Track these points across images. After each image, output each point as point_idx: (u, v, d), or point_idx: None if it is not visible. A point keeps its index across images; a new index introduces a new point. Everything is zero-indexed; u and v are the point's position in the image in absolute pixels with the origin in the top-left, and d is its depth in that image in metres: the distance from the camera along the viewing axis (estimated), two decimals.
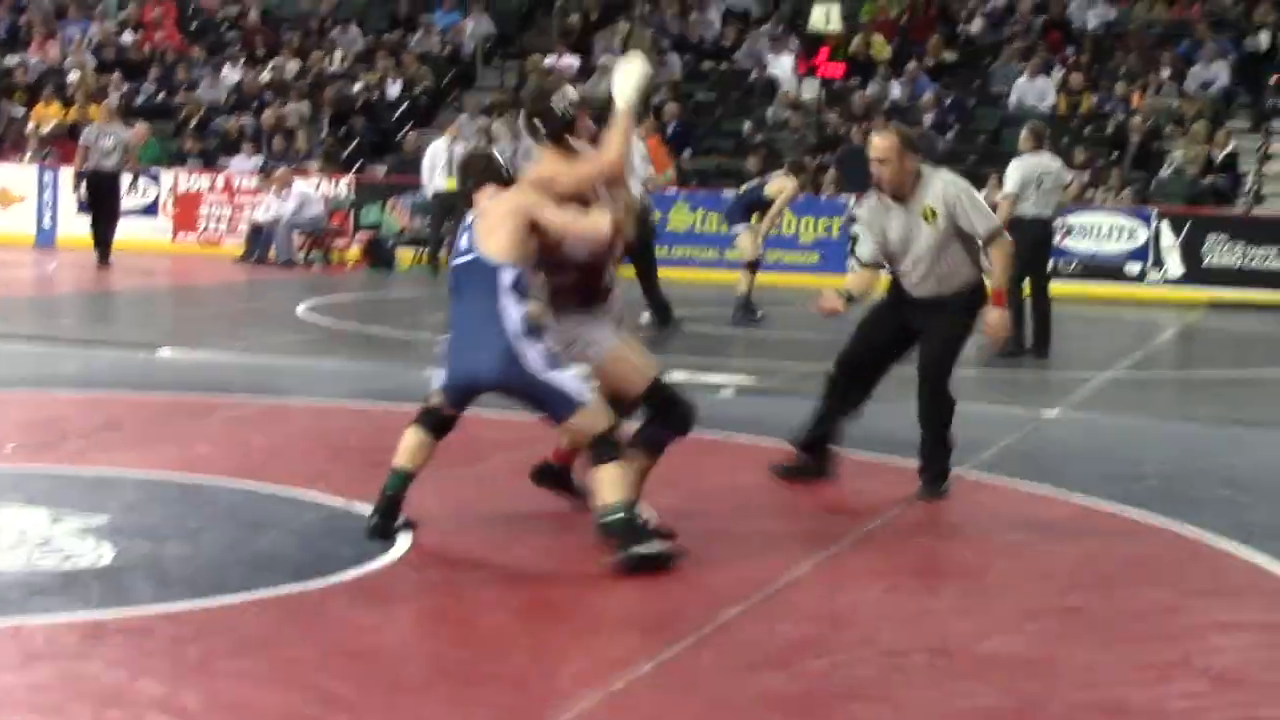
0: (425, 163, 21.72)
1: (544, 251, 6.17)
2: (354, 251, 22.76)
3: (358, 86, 26.71)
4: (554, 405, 6.06)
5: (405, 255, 22.63)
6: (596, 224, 6.12)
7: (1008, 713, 4.66)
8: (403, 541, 6.33)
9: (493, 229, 6.08)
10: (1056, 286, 20.57)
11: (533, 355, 6.01)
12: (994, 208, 8.90)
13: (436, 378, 6.33)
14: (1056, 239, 16.73)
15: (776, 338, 15.39)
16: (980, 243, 7.58)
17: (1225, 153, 21.97)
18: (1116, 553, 6.89)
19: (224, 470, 7.56)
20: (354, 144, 25.64)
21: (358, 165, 25.13)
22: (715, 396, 10.80)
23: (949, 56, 25.92)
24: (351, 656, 4.94)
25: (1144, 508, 7.53)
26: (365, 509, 6.56)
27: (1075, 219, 21.07)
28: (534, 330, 6.03)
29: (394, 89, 26.58)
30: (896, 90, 25.06)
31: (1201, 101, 23.15)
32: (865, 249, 7.91)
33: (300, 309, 15.94)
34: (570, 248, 6.20)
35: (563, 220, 6.10)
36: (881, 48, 25.88)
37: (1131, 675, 5.03)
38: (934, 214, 7.48)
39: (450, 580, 6.01)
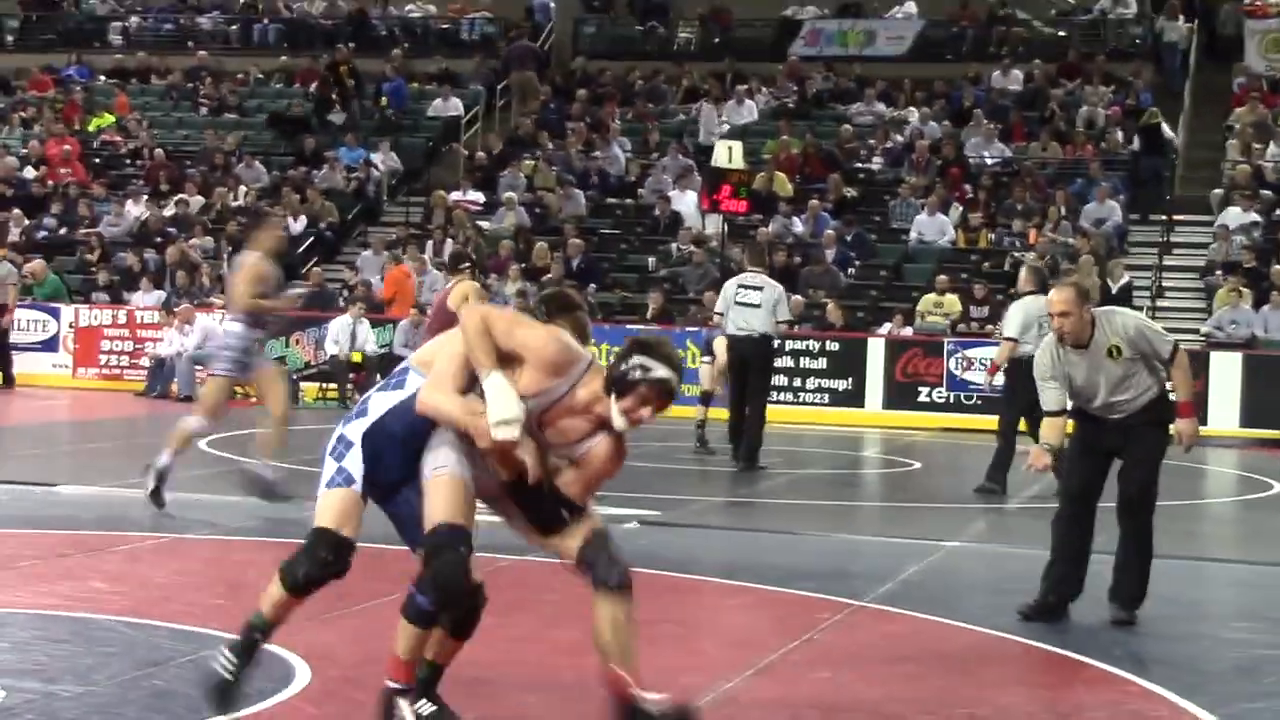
0: (331, 332, 21.94)
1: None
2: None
3: None
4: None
5: (310, 389, 22.52)
6: (429, 393, 5.38)
7: None
8: (303, 677, 6.26)
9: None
10: (957, 419, 20.92)
11: (333, 435, 5.53)
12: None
13: None
14: None
15: (685, 470, 15.43)
16: (1164, 363, 8.08)
17: (1120, 285, 22.37)
18: (1015, 682, 6.93)
19: (120, 607, 7.46)
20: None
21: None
22: (619, 528, 10.79)
23: (850, 193, 26.32)
24: None
25: (1041, 639, 7.58)
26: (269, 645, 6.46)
27: (975, 353, 21.34)
28: (359, 413, 5.48)
29: (299, 225, 26.62)
30: (799, 226, 25.39)
31: (1096, 238, 23.61)
32: (1051, 398, 8.09)
33: (201, 443, 15.79)
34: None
35: (445, 352, 5.43)
36: (784, 184, 26.25)
37: None
38: (1119, 351, 7.94)
39: (347, 717, 5.93)
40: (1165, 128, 26.60)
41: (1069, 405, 8.14)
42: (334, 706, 6.03)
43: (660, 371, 5.26)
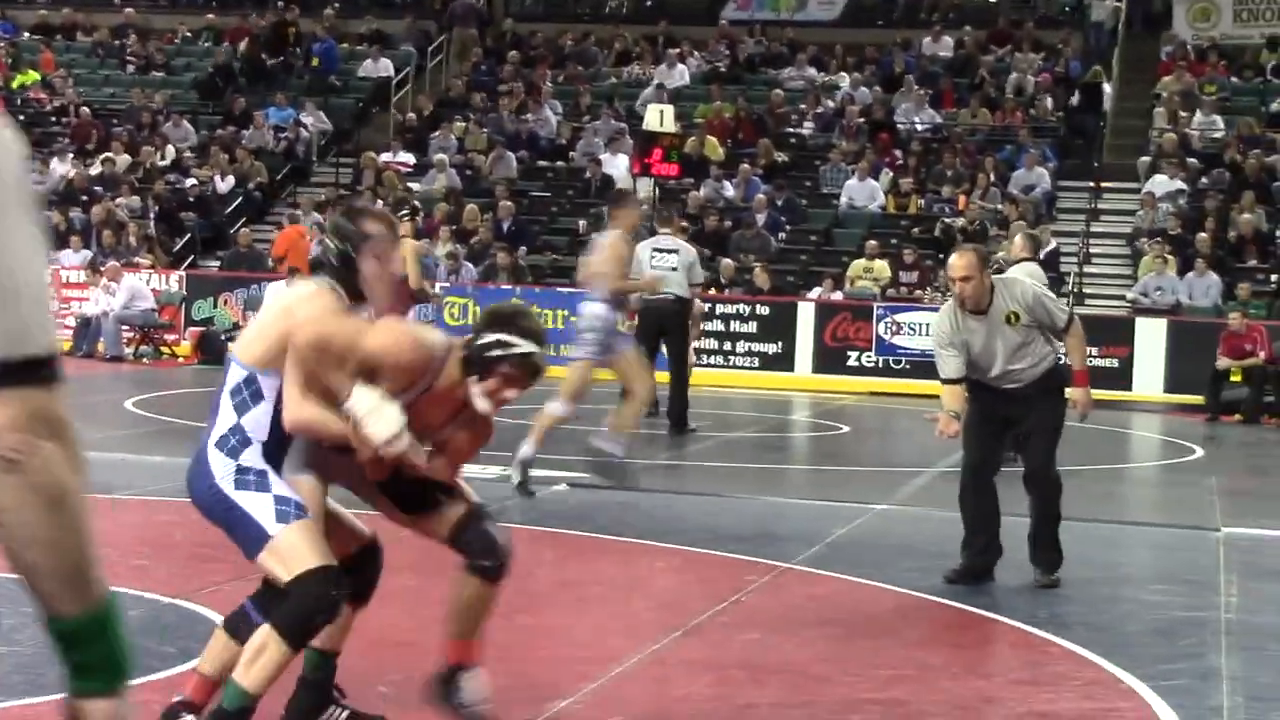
0: (268, 295, 21.72)
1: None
2: (185, 346, 22.48)
3: (190, 182, 26.49)
4: (239, 535, 4.75)
5: None
6: (298, 409, 4.76)
7: None
8: None
9: (260, 321, 4.96)
10: (885, 384, 21.03)
11: (224, 469, 4.76)
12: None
13: None
14: None
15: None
16: (1058, 333, 8.23)
17: (1048, 250, 22.50)
18: (940, 644, 7.00)
19: None
20: (186, 239, 25.40)
21: (189, 260, 24.88)
22: (549, 490, 10.81)
23: (781, 158, 26.36)
24: None
25: (965, 601, 7.65)
26: (186, 604, 6.46)
27: (904, 317, 21.45)
28: (243, 445, 4.78)
29: (226, 184, 26.39)
30: (730, 190, 25.41)
31: (1024, 205, 23.75)
32: (950, 366, 8.12)
33: (128, 403, 15.70)
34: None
35: (294, 366, 4.74)
36: (715, 149, 26.25)
37: None
38: (1016, 317, 8.04)
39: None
40: (1106, 87, 26.81)
41: (966, 375, 8.13)
42: None
43: (522, 347, 4.85)
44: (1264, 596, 8.24)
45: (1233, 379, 19.33)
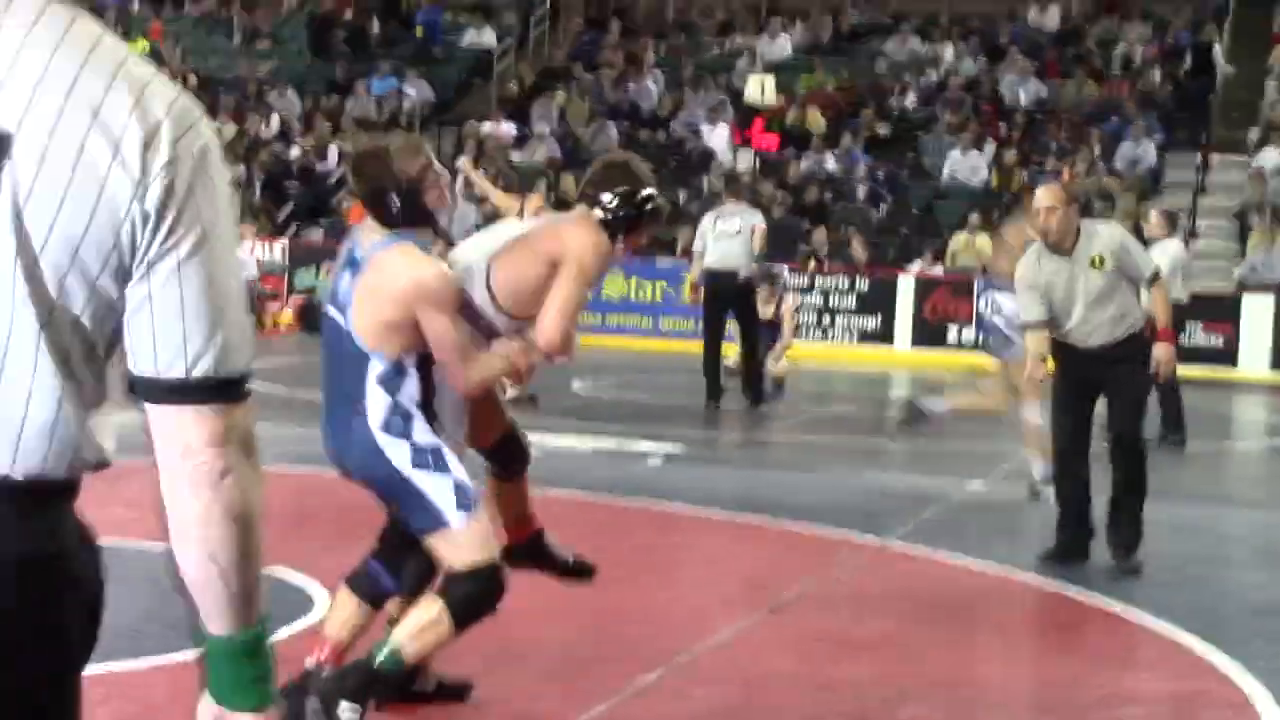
0: None
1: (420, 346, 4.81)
2: (287, 315, 22.70)
3: (294, 151, 26.73)
4: (412, 513, 4.77)
5: None
6: (467, 369, 4.76)
7: None
8: (321, 606, 6.31)
9: (371, 302, 4.78)
10: (986, 360, 20.84)
11: (398, 450, 4.74)
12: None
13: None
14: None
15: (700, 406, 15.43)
16: (1144, 284, 7.96)
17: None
18: (1032, 623, 6.96)
19: (141, 533, 7.47)
20: (289, 208, 25.64)
21: (293, 229, 25.12)
22: (645, 465, 10.83)
23: (882, 130, 26.19)
24: None
25: (1060, 580, 7.59)
26: (286, 572, 6.54)
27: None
28: (407, 421, 4.75)
29: (331, 154, 26.61)
30: (831, 163, 25.28)
31: (1130, 179, 23.46)
32: (1033, 309, 7.85)
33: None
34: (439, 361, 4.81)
35: (444, 336, 4.71)
36: (816, 121, 26.12)
37: None
38: (1102, 261, 7.75)
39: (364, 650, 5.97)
40: (1217, 51, 26.41)
41: (1049, 319, 7.84)
42: (364, 638, 6.06)
43: (655, 193, 5.09)
44: None
45: None
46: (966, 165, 24.78)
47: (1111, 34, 28.07)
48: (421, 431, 4.74)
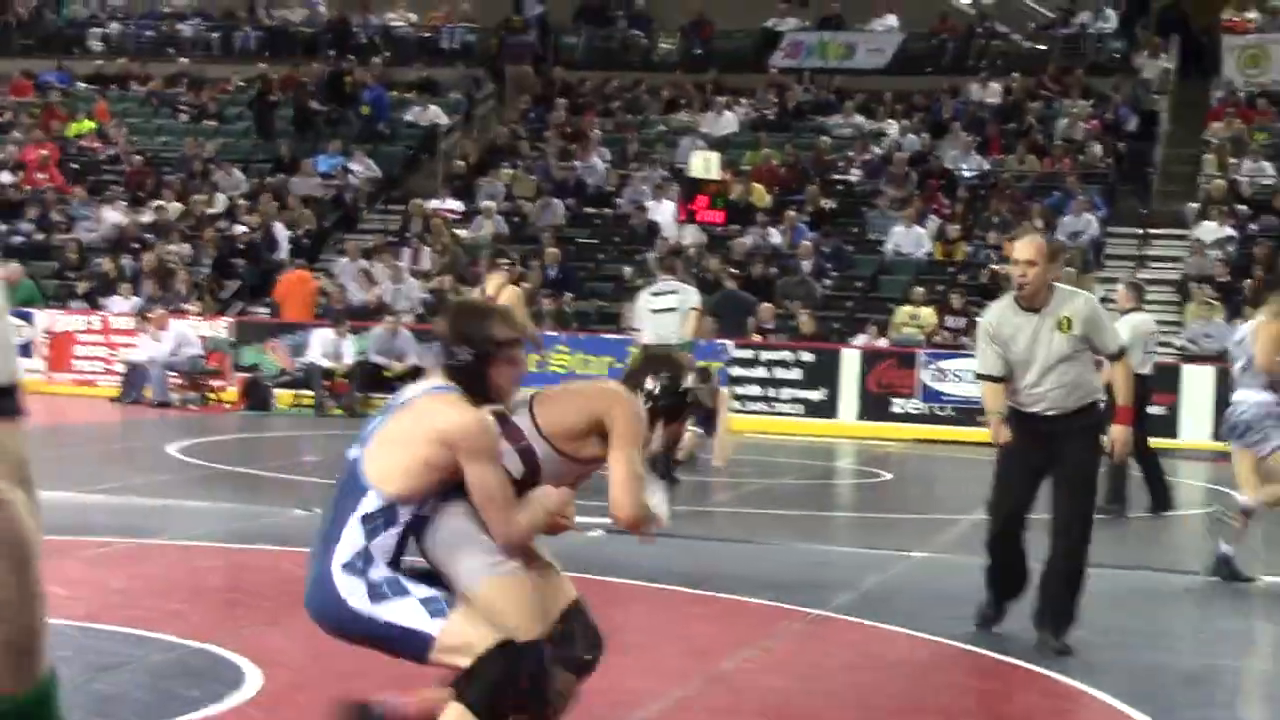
0: (316, 343, 21.82)
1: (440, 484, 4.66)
2: (231, 392, 22.62)
3: (239, 229, 26.71)
4: (400, 649, 4.63)
5: (284, 396, 22.51)
6: (513, 524, 4.65)
7: None
8: (253, 682, 6.26)
9: (403, 446, 4.60)
10: (930, 431, 20.96)
11: (355, 591, 4.56)
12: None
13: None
14: None
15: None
16: (1108, 359, 7.88)
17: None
18: (969, 691, 6.96)
19: (75, 612, 7.44)
20: (235, 286, 25.61)
21: (238, 307, 25.07)
22: (585, 535, 10.79)
23: (828, 205, 26.38)
24: None
25: (998, 650, 7.60)
26: (216, 648, 6.49)
27: (949, 364, 21.39)
28: (368, 563, 4.58)
29: (278, 232, 26.60)
30: (776, 237, 25.43)
31: (1071, 251, 23.66)
32: (989, 360, 7.75)
33: (172, 449, 15.80)
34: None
35: (489, 489, 4.60)
36: (761, 196, 26.29)
37: None
38: (1069, 324, 7.60)
39: None
40: (1162, 116, 26.78)
41: (1006, 375, 7.69)
42: (286, 712, 6.03)
43: (693, 386, 5.21)
44: None
45: None
46: (910, 239, 24.97)
47: (1053, 110, 28.41)
48: (378, 569, 4.58)
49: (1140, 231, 25.59)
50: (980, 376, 7.87)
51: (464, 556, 4.64)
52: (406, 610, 4.52)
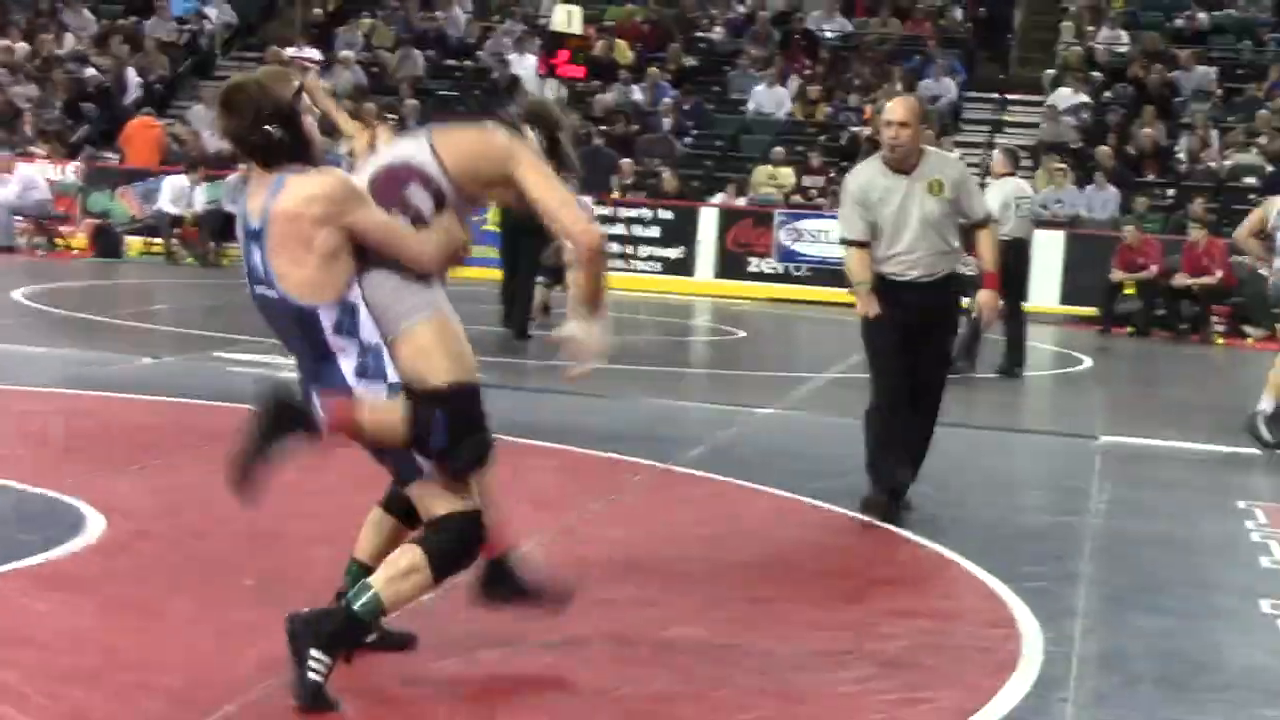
0: (166, 190, 21.38)
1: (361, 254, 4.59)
2: (80, 239, 22.17)
3: (89, 71, 26.02)
4: (395, 459, 4.68)
5: (134, 243, 22.11)
6: (425, 244, 4.65)
7: (679, 697, 4.75)
8: (95, 528, 6.20)
9: (292, 254, 4.50)
10: (786, 290, 21.10)
11: (371, 381, 4.57)
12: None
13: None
14: None
15: (502, 331, 15.39)
16: (972, 226, 7.63)
17: None
18: (809, 544, 7.07)
19: None
20: (85, 130, 24.99)
21: (88, 152, 24.49)
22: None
23: (690, 63, 26.25)
24: (22, 643, 4.82)
25: (839, 504, 7.71)
26: (55, 494, 6.42)
27: (805, 224, 21.50)
28: (378, 359, 4.56)
29: (129, 76, 25.95)
30: (638, 94, 25.28)
31: (930, 115, 23.79)
32: (856, 225, 7.46)
33: (18, 294, 15.49)
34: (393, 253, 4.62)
35: (387, 227, 4.58)
36: (623, 52, 26.09)
37: (806, 662, 5.16)
38: (941, 187, 7.41)
39: (139, 569, 5.89)
40: None
41: (871, 239, 7.43)
42: (125, 559, 5.98)
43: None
44: (1133, 503, 8.37)
45: (1126, 292, 19.57)
46: (771, 98, 24.95)
47: None
48: (391, 368, 4.56)
49: (997, 96, 25.76)
50: (845, 242, 7.61)
51: (390, 316, 4.58)
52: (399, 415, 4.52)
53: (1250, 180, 21.90)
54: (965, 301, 8.06)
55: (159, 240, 21.58)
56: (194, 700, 4.42)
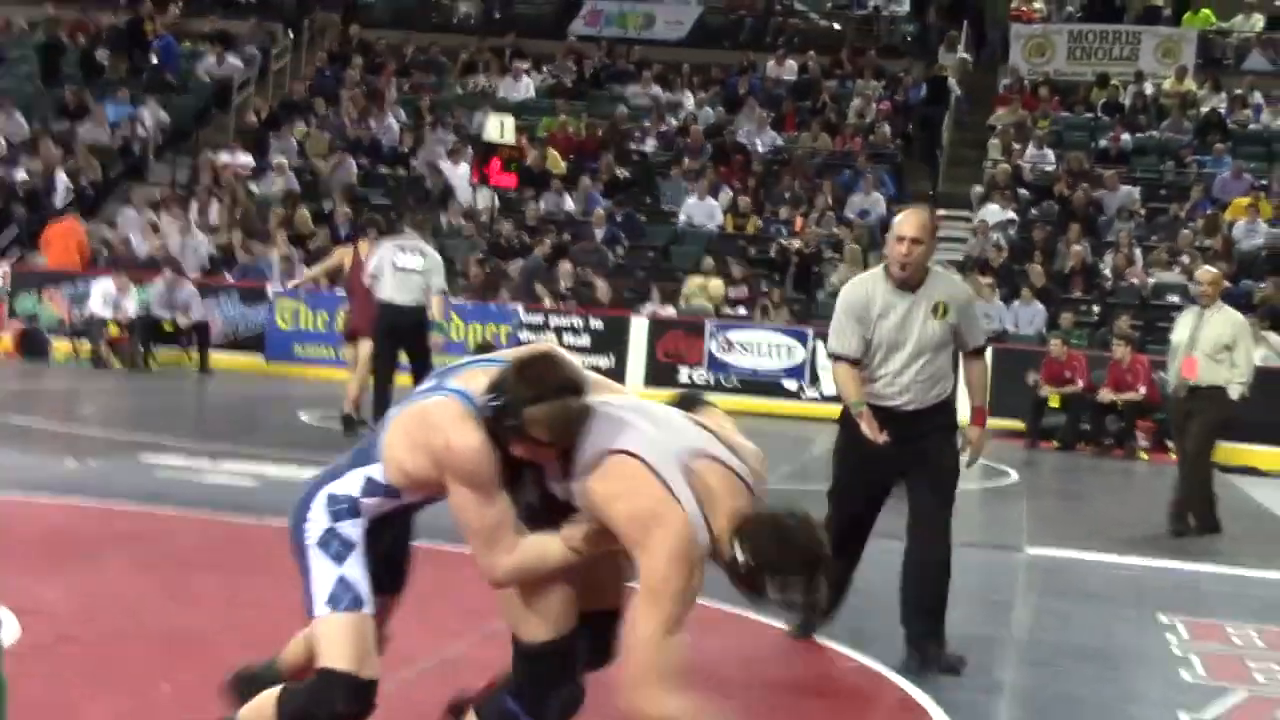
0: (96, 293, 21.27)
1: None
2: (5, 341, 22.00)
3: (20, 174, 25.95)
4: (303, 590, 4.50)
5: (62, 347, 21.97)
6: (503, 560, 4.46)
7: None
8: (9, 632, 6.12)
9: (408, 441, 4.42)
10: (720, 400, 21.11)
11: (317, 522, 4.49)
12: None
13: None
14: None
15: None
16: (965, 354, 7.10)
17: None
18: (736, 655, 7.05)
19: None
20: (13, 232, 24.88)
21: (16, 255, 24.38)
22: None
23: (622, 173, 26.47)
24: None
25: (766, 614, 7.69)
26: None
27: (736, 335, 21.62)
28: (350, 512, 4.49)
29: (58, 180, 25.90)
30: (570, 204, 25.45)
31: (859, 229, 24.07)
32: (849, 342, 6.98)
33: None
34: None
35: (478, 527, 4.40)
36: (556, 162, 26.29)
37: None
38: (946, 311, 6.90)
39: (55, 674, 5.81)
40: (951, 82, 27.34)
41: (864, 358, 6.98)
42: (41, 663, 5.90)
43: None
44: (1058, 615, 8.42)
45: (1052, 405, 19.75)
46: (703, 210, 25.17)
47: (846, 89, 28.84)
48: (350, 525, 4.48)
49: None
50: (837, 357, 7.05)
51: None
52: (325, 574, 4.42)
53: (1173, 299, 22.22)
54: None
55: (88, 344, 21.45)
56: None
